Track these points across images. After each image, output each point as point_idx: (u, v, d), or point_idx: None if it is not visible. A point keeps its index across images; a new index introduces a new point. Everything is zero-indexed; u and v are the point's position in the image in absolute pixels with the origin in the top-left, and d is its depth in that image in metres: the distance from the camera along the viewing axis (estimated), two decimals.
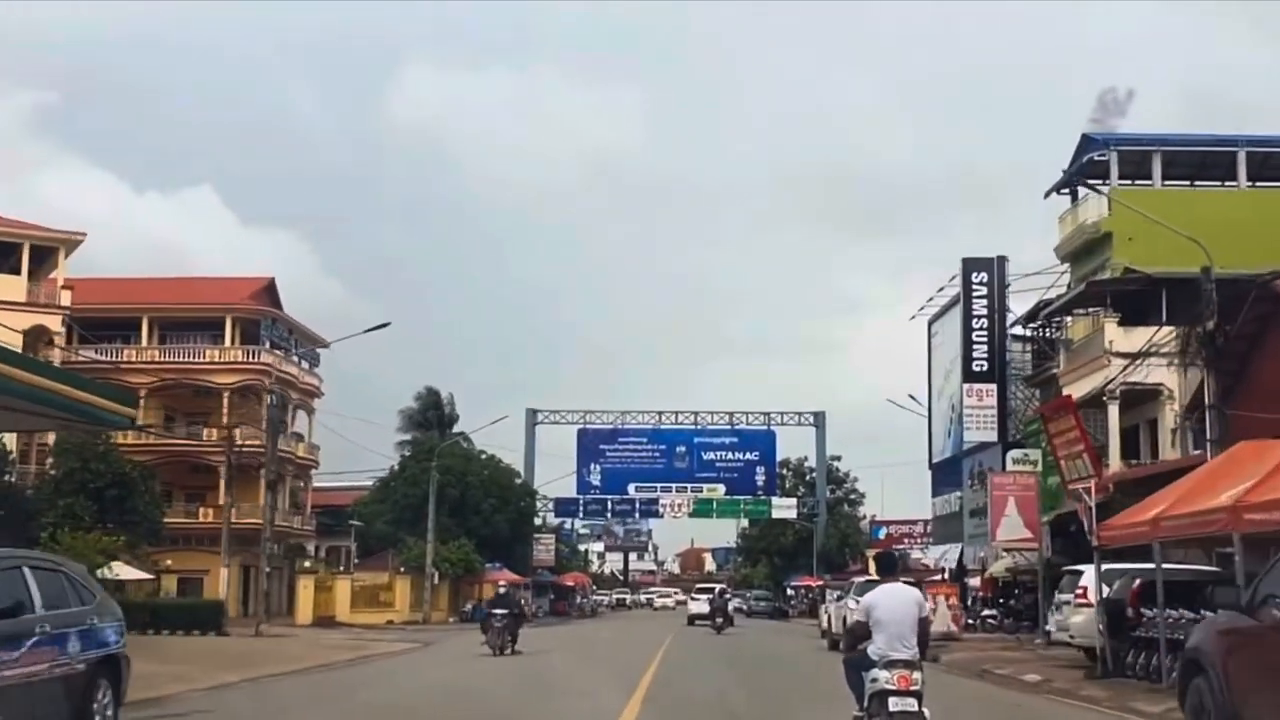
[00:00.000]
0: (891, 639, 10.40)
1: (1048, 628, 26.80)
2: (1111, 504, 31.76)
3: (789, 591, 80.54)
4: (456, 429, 75.73)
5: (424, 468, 61.51)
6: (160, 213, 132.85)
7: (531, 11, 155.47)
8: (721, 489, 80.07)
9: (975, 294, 41.95)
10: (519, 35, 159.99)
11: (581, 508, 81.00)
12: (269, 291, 66.78)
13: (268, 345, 63.88)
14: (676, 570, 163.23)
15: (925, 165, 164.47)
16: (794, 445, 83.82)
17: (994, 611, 38.74)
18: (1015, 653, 28.02)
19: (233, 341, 64.01)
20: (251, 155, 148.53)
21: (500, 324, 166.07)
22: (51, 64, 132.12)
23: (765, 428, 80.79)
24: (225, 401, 62.36)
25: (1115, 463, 32.64)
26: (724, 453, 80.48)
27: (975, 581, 43.85)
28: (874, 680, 10.32)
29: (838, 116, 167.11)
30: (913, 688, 10.15)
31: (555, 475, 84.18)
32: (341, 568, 58.71)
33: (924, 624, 10.65)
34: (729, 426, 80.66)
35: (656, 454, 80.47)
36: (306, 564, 57.34)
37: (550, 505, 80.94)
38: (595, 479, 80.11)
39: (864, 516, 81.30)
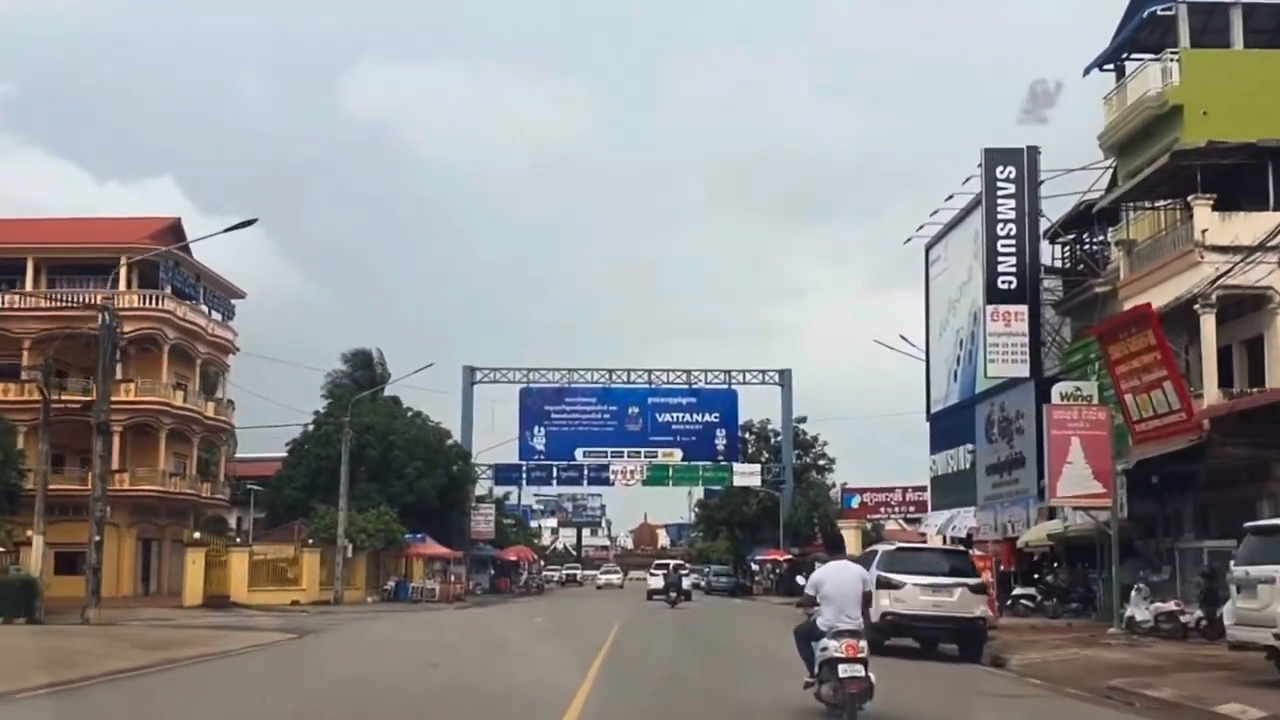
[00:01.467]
0: (839, 611, 11.77)
1: (1198, 615, 19.42)
2: (1209, 445, 24.22)
3: (753, 566, 72.89)
4: (390, 394, 67.55)
5: (339, 424, 53.09)
6: (121, 201, 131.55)
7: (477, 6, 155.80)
8: (678, 454, 72.24)
9: (1000, 192, 33.96)
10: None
11: (524, 475, 72.82)
12: (174, 233, 57.71)
13: (169, 290, 55.01)
14: (630, 546, 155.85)
15: (858, 150, 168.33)
16: (757, 407, 76.27)
17: (1029, 590, 31.09)
18: (1104, 650, 20.36)
19: (129, 286, 55.03)
20: (209, 147, 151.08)
21: (449, 305, 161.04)
22: (12, 56, 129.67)
23: (726, 387, 73.01)
24: (119, 353, 53.53)
25: (1212, 393, 25.03)
26: (681, 414, 72.63)
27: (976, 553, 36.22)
28: (824, 649, 11.63)
29: (773, 103, 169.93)
30: (859, 655, 11.42)
31: (496, 441, 76.63)
32: (238, 539, 50.27)
33: (866, 597, 12.24)
34: (686, 386, 72.81)
35: (606, 416, 72.47)
36: (196, 535, 48.77)
37: (490, 473, 72.72)
38: (539, 443, 71.99)
39: (834, 485, 73.77)
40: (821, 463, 74.20)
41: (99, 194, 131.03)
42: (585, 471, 72.27)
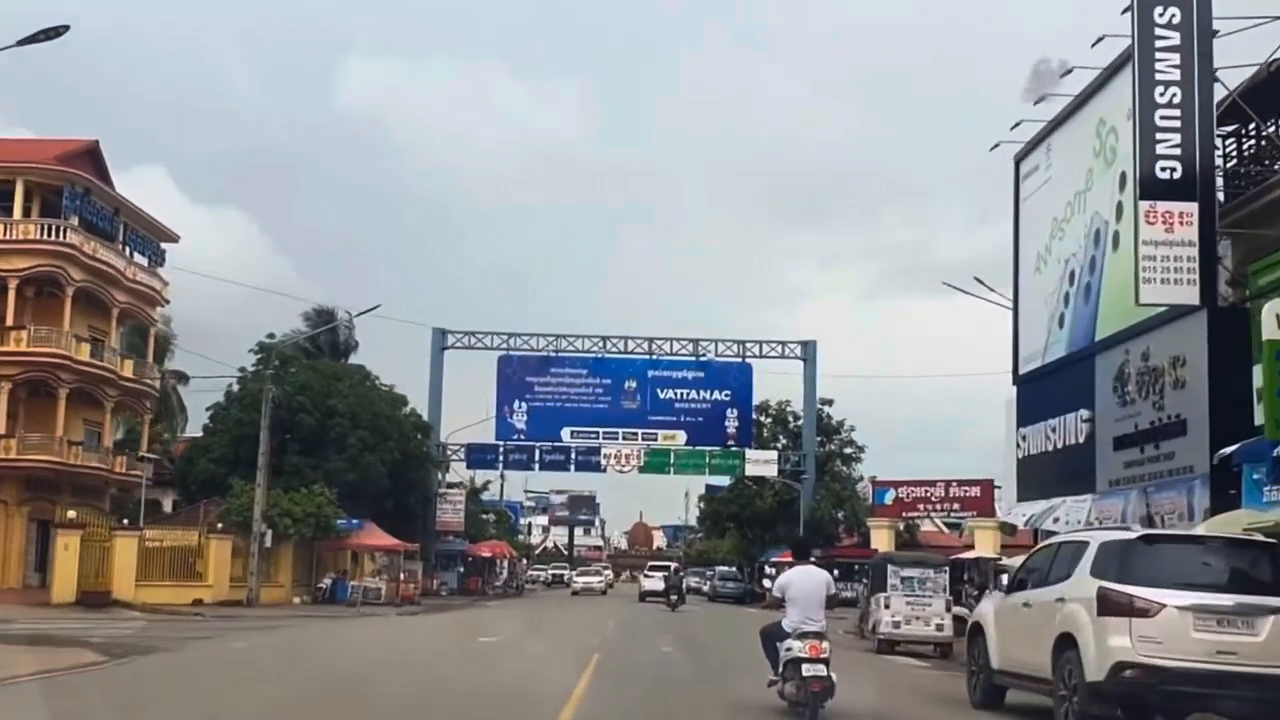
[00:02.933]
0: (804, 613, 12.37)
1: None
2: None
3: (767, 570, 62.51)
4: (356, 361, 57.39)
5: (268, 378, 42.87)
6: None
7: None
8: (681, 437, 62.00)
9: (1160, 43, 23.55)
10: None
11: (501, 457, 62.46)
12: (90, 158, 47.32)
13: (75, 222, 44.58)
14: (624, 546, 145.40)
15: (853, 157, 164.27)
16: (774, 386, 65.96)
17: None
18: None
19: (26, 214, 44.70)
20: (202, 138, 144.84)
21: (436, 296, 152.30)
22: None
23: (739, 359, 62.72)
24: (12, 294, 43.75)
25: None
26: (686, 390, 62.38)
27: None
28: (788, 649, 12.22)
29: (767, 108, 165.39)
30: (822, 655, 12.02)
31: (469, 418, 66.77)
32: (125, 520, 39.99)
33: (830, 599, 12.76)
34: (692, 357, 62.51)
35: (599, 390, 62.26)
36: (70, 514, 38.46)
37: (461, 454, 62.47)
38: (520, 421, 61.76)
39: (861, 477, 63.56)
40: (849, 451, 63.97)
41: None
42: (573, 455, 61.94)
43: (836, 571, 49.64)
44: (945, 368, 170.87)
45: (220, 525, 40.81)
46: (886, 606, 27.87)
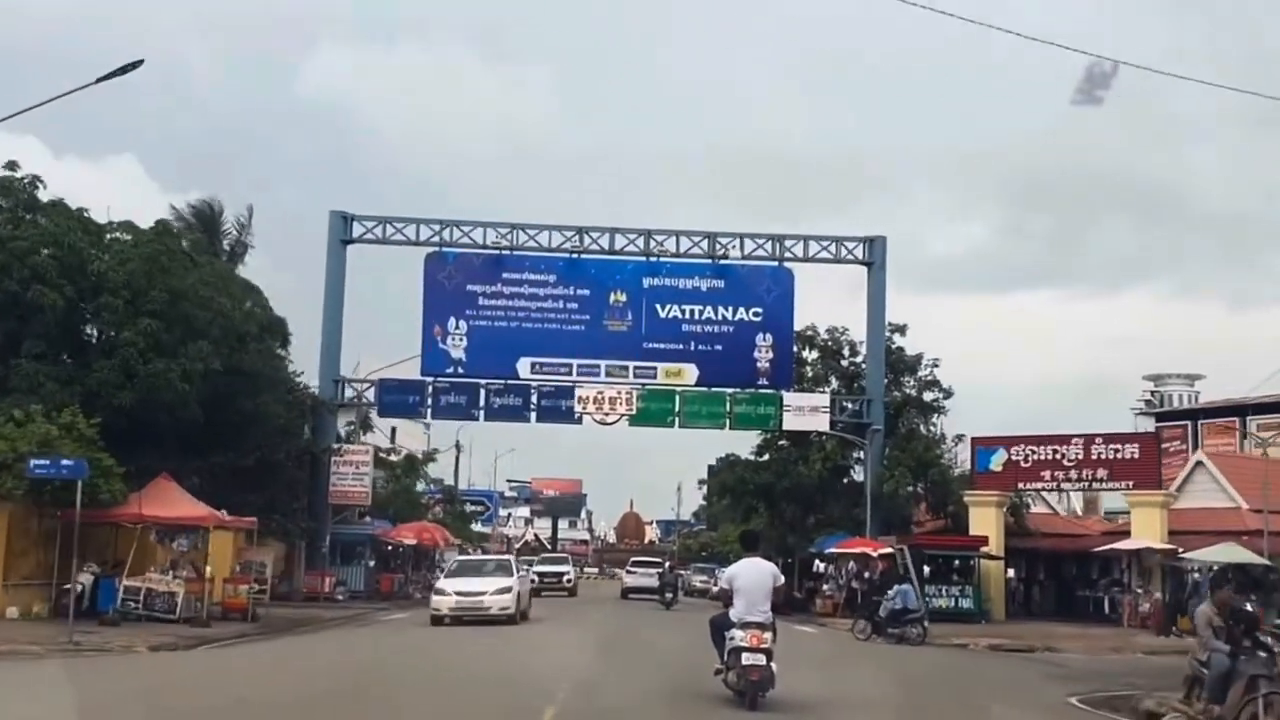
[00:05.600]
0: (750, 604, 12.78)
1: None
2: None
3: (819, 568, 42.87)
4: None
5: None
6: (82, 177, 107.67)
7: None
8: (690, 373, 42.79)
9: None
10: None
11: (428, 399, 42.86)
12: None
13: None
14: (612, 539, 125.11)
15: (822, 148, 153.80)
16: (823, 307, 46.66)
17: None
18: None
19: None
20: (169, 126, 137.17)
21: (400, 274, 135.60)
22: None
23: (774, 262, 43.42)
24: None
25: None
26: (698, 307, 43.17)
27: None
28: (732, 638, 12.65)
29: (739, 97, 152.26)
30: (763, 645, 12.43)
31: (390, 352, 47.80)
32: None
33: (777, 592, 13.16)
34: (708, 259, 43.24)
35: (573, 306, 43.05)
36: None
37: (371, 395, 43.11)
38: (457, 348, 42.48)
39: (943, 439, 43.99)
40: (932, 398, 44.56)
41: (56, 167, 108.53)
42: (534, 399, 42.53)
43: (927, 569, 33.41)
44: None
45: None
46: None
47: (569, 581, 50.42)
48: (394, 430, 75.09)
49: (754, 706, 12.36)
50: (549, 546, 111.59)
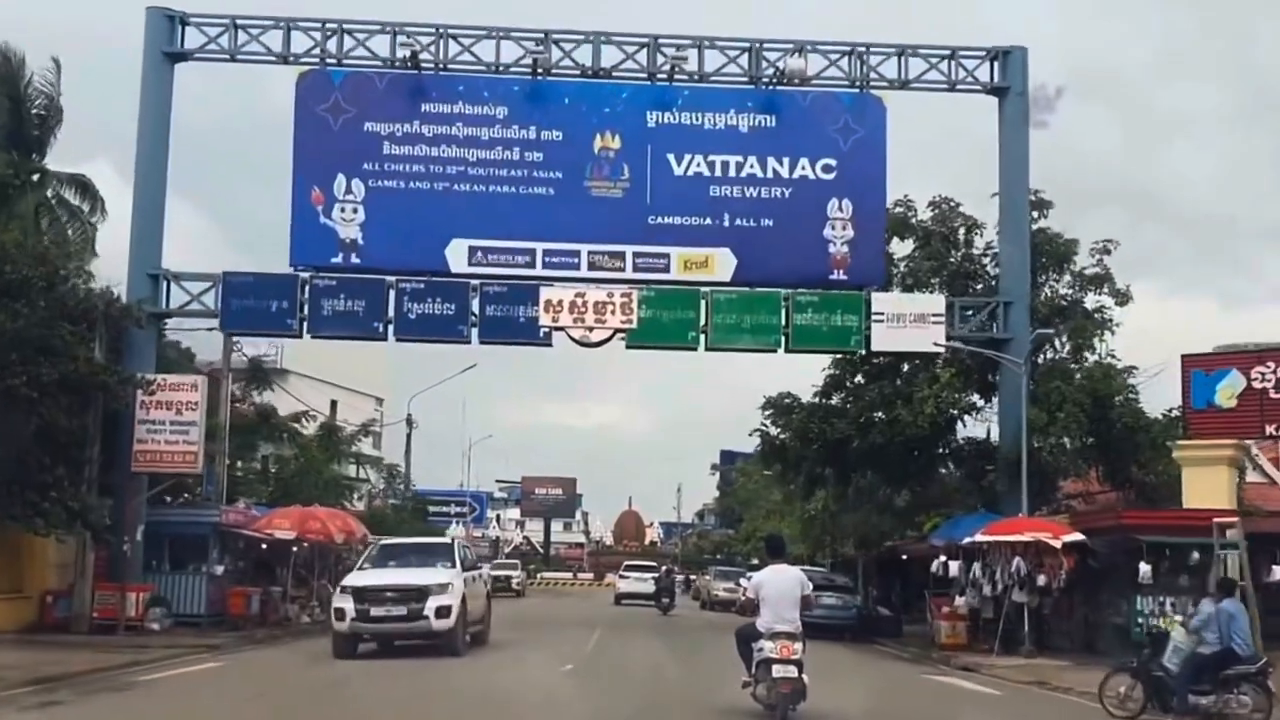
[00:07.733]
0: (777, 614, 12.05)
1: None
2: None
3: (942, 569, 26.07)
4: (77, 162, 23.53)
5: None
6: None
7: None
8: (724, 261, 26.78)
9: None
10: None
11: (302, 305, 26.62)
12: None
13: None
14: (609, 542, 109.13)
15: None
16: (922, 170, 31.09)
17: None
18: None
19: None
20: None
21: None
22: None
23: (855, 88, 27.32)
24: None
25: None
26: (734, 159, 27.19)
27: None
28: (760, 650, 11.97)
29: None
30: (794, 656, 11.77)
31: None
32: None
33: (805, 600, 12.38)
34: (749, 83, 27.16)
35: (535, 156, 27.16)
36: None
37: (211, 298, 26.73)
38: (349, 224, 26.57)
39: (1120, 364, 27.97)
40: (1097, 304, 28.65)
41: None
42: (474, 304, 26.43)
43: (1146, 567, 20.88)
44: None
45: None
46: None
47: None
48: (334, 404, 59.38)
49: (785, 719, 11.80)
50: (540, 551, 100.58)
